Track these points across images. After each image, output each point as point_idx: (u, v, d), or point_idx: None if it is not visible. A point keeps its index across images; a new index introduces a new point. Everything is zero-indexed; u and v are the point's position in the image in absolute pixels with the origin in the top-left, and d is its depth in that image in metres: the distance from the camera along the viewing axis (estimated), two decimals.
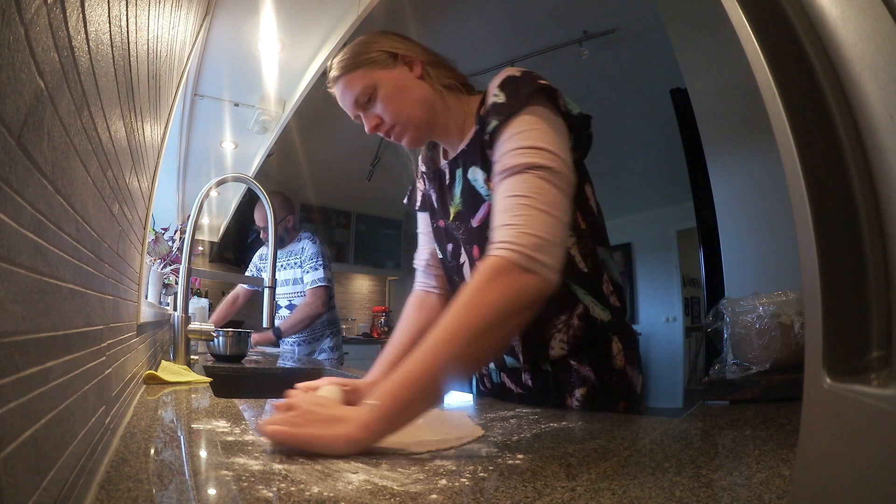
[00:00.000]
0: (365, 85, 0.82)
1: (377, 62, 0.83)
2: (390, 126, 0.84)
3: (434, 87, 0.85)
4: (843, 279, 0.26)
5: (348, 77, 0.83)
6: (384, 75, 0.82)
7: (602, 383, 0.83)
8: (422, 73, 0.84)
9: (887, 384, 0.22)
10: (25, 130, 0.26)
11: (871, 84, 0.24)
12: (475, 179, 0.83)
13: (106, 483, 0.38)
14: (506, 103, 0.73)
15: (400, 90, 0.83)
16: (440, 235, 0.96)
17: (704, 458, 0.51)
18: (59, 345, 0.35)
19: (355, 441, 0.51)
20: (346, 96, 0.85)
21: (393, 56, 0.83)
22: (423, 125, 0.85)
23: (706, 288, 2.27)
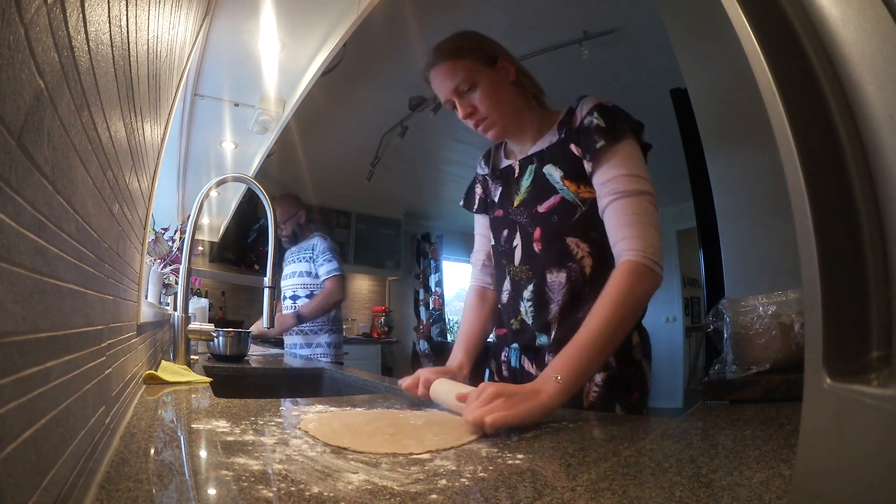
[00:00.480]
0: (468, 75, 0.92)
1: (481, 58, 0.93)
2: (482, 118, 0.95)
3: (524, 93, 0.98)
4: (843, 279, 0.26)
5: (454, 63, 0.92)
6: (486, 72, 0.93)
7: (621, 371, 0.90)
8: (515, 79, 0.96)
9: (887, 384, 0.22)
10: (25, 130, 0.26)
11: (871, 84, 0.24)
12: (551, 174, 0.95)
13: (106, 483, 0.38)
14: (609, 129, 0.87)
15: (498, 89, 0.93)
16: (497, 224, 1.06)
17: (704, 458, 0.51)
18: (59, 345, 0.35)
19: (551, 408, 0.67)
20: (448, 81, 0.93)
21: (493, 58, 0.94)
22: (510, 124, 0.97)
23: (706, 288, 2.27)
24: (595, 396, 0.89)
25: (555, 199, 0.94)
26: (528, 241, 0.97)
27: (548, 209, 0.94)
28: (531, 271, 0.96)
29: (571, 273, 0.91)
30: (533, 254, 0.96)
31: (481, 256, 1.14)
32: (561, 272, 0.92)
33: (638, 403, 0.90)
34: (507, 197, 1.03)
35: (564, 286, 0.92)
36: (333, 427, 0.62)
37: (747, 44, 0.29)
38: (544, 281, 0.94)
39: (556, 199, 0.93)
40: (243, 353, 1.71)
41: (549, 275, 0.93)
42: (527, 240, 0.97)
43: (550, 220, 0.93)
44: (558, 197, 0.93)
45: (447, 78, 0.93)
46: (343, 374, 1.51)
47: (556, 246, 0.93)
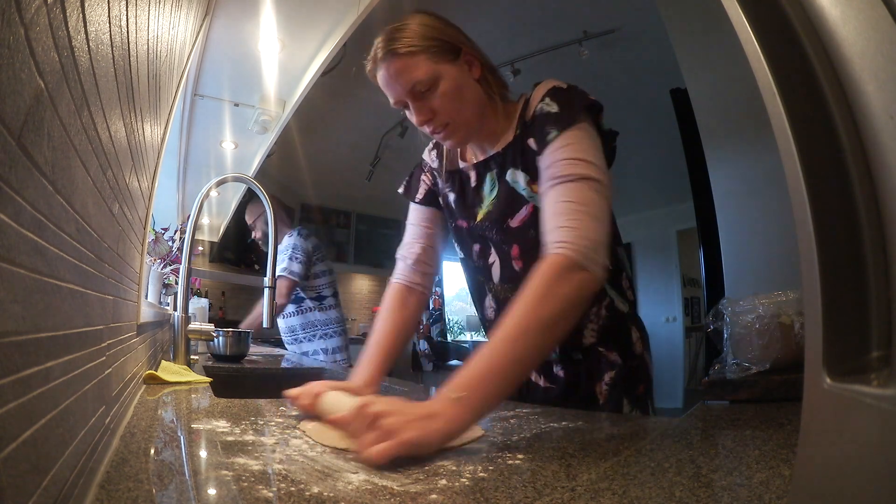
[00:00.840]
0: (428, 74, 0.76)
1: (441, 52, 0.78)
2: (443, 123, 0.80)
3: (489, 91, 0.83)
4: (843, 279, 0.26)
5: (409, 60, 0.76)
6: (448, 69, 0.78)
7: (627, 367, 0.90)
8: (480, 76, 0.82)
9: (887, 384, 0.22)
10: (25, 130, 0.26)
11: (871, 84, 0.24)
12: (515, 182, 0.84)
13: (106, 483, 0.38)
14: (561, 114, 0.75)
15: (461, 88, 0.79)
16: (462, 236, 0.96)
17: (704, 458, 0.51)
18: (59, 345, 0.35)
19: (450, 435, 0.53)
20: (401, 79, 0.77)
21: (456, 50, 0.79)
22: (474, 128, 0.84)
23: (706, 288, 2.27)
24: (606, 395, 0.89)
25: (526, 210, 0.84)
26: (507, 258, 0.88)
27: (521, 223, 0.84)
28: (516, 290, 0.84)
29: None
30: (515, 272, 0.87)
31: (415, 250, 0.97)
32: None
33: (644, 395, 0.91)
34: (467, 207, 0.92)
35: None
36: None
37: (747, 44, 0.29)
38: None
39: (527, 211, 0.83)
40: (243, 353, 1.71)
41: None
42: (504, 258, 0.88)
43: (527, 235, 0.83)
44: (530, 207, 0.83)
45: (398, 77, 0.77)
46: (343, 374, 1.51)
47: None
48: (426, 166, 1.02)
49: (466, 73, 0.81)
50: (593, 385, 0.90)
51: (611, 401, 0.89)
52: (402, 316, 0.92)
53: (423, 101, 0.79)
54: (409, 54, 0.76)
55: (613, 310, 0.91)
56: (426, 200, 1.00)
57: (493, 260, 0.91)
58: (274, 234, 1.44)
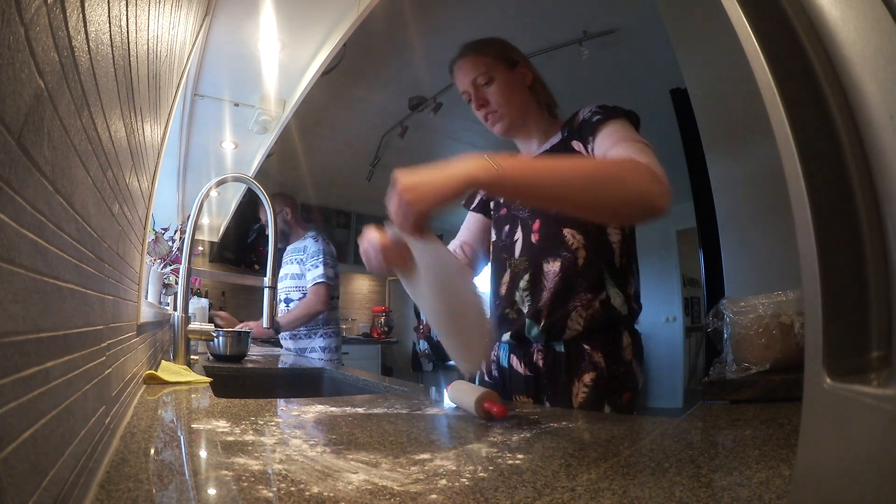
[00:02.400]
0: (487, 70, 0.99)
1: (502, 59, 1.01)
2: (493, 110, 1.01)
3: (536, 99, 1.04)
4: (843, 279, 0.25)
5: (478, 58, 1.00)
6: (504, 71, 1.01)
7: (610, 372, 0.90)
8: (531, 85, 1.04)
9: (887, 384, 0.22)
10: (25, 130, 0.26)
11: (871, 84, 0.24)
12: None
13: (106, 483, 0.38)
14: (605, 112, 0.91)
15: (512, 88, 1.01)
16: (500, 222, 1.10)
17: (704, 458, 0.51)
18: (59, 345, 0.35)
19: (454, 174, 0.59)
20: (469, 72, 1.01)
21: (514, 62, 1.03)
22: (517, 123, 1.03)
23: (706, 288, 2.27)
24: (584, 397, 0.90)
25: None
26: (528, 233, 1.01)
27: None
28: (528, 261, 0.99)
29: (565, 262, 0.94)
30: (531, 245, 1.00)
31: (456, 243, 1.18)
32: (556, 261, 0.95)
33: (628, 404, 0.91)
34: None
35: (557, 274, 0.95)
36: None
37: (747, 44, 0.29)
38: (540, 269, 0.97)
39: None
40: (243, 353, 1.71)
41: (546, 264, 0.96)
42: (526, 232, 1.02)
43: (549, 212, 0.98)
44: None
45: (469, 70, 1.00)
46: (343, 374, 1.51)
47: (553, 236, 0.97)
48: None
49: (520, 80, 1.03)
50: (571, 383, 0.92)
51: (589, 402, 0.89)
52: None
53: (481, 91, 1.01)
54: (476, 53, 1.01)
55: (608, 307, 0.93)
56: (478, 208, 1.18)
57: (517, 237, 1.03)
58: (275, 233, 1.44)
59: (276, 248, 1.45)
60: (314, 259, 2.41)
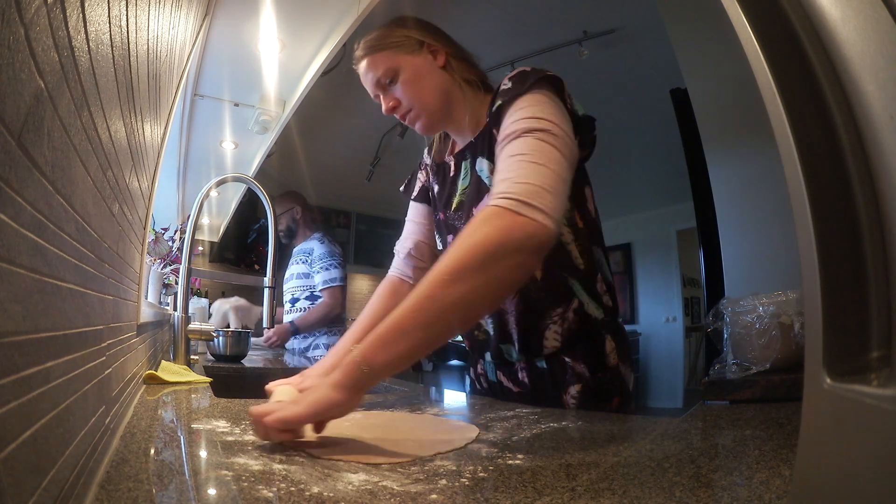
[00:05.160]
0: (387, 67, 0.86)
1: (403, 46, 0.86)
2: (406, 110, 0.88)
3: (454, 78, 0.88)
4: (843, 279, 0.25)
5: (373, 57, 0.87)
6: (408, 60, 0.86)
7: (596, 380, 0.84)
8: (444, 64, 0.87)
9: (887, 384, 0.22)
10: (25, 130, 0.26)
11: (871, 84, 0.24)
12: (481, 170, 0.86)
13: (106, 483, 0.38)
14: (511, 88, 0.75)
15: (420, 76, 0.86)
16: (440, 227, 0.98)
17: (704, 458, 0.51)
18: (59, 345, 0.35)
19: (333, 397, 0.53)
20: (369, 75, 0.88)
21: (419, 43, 0.87)
22: (437, 113, 0.88)
23: (706, 288, 2.27)
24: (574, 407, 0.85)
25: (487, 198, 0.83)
26: None
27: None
28: None
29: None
30: None
31: (408, 245, 1.03)
32: None
33: (619, 408, 0.86)
34: (446, 198, 0.95)
35: (515, 296, 0.84)
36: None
37: (747, 44, 0.29)
38: None
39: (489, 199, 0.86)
40: (243, 353, 1.71)
41: None
42: None
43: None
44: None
45: (366, 74, 0.88)
46: None
47: None
48: (423, 164, 1.06)
49: (430, 62, 0.87)
50: (559, 396, 0.86)
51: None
52: (389, 304, 0.93)
53: (389, 91, 0.88)
54: (370, 53, 0.87)
55: (583, 315, 0.85)
56: (420, 197, 1.04)
57: None
58: (275, 232, 1.44)
59: (278, 247, 1.45)
60: (324, 261, 2.41)
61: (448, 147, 0.99)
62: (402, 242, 1.05)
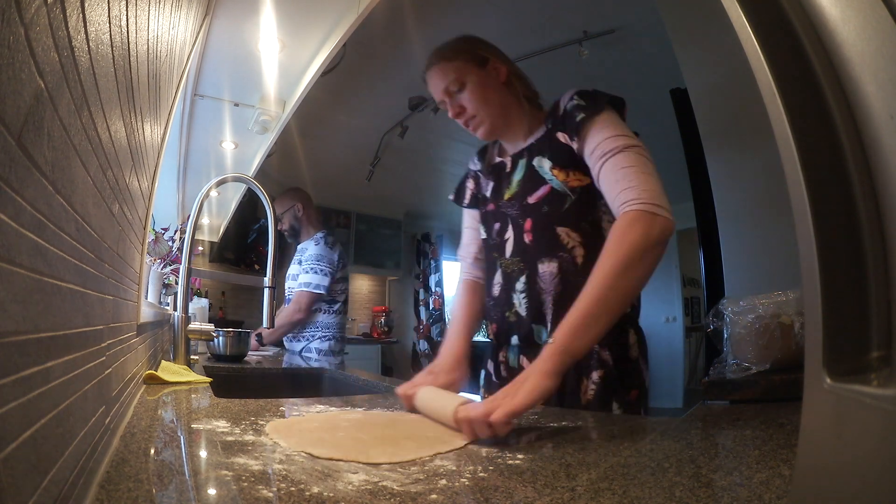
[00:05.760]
0: (457, 76, 0.96)
1: (472, 59, 0.97)
2: (470, 116, 0.98)
3: (514, 93, 0.99)
4: (843, 279, 0.25)
5: (444, 66, 0.97)
6: (476, 72, 0.96)
7: (618, 370, 0.90)
8: (506, 80, 0.98)
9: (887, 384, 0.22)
10: (25, 130, 0.26)
11: (871, 84, 0.24)
12: (541, 167, 0.96)
13: (106, 483, 0.38)
14: (588, 105, 0.88)
15: (486, 88, 0.96)
16: (488, 218, 1.06)
17: (704, 458, 0.51)
18: (59, 345, 0.35)
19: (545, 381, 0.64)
20: (439, 82, 0.97)
21: (485, 59, 0.98)
22: (498, 123, 0.99)
23: (706, 288, 2.27)
24: (592, 394, 0.89)
25: (544, 189, 0.95)
26: (520, 232, 0.97)
27: (538, 199, 0.95)
28: (522, 263, 0.96)
29: (563, 262, 0.92)
30: (524, 245, 0.96)
31: (472, 250, 1.13)
32: (552, 262, 0.92)
33: (636, 401, 0.91)
34: (499, 191, 1.04)
35: (556, 276, 0.92)
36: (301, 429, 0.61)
37: (747, 44, 0.29)
38: (536, 272, 0.94)
39: (545, 190, 0.94)
40: (243, 353, 1.71)
41: (541, 265, 0.94)
42: (518, 231, 0.98)
43: (541, 211, 0.94)
44: (547, 187, 0.94)
45: (438, 79, 0.97)
46: (343, 374, 1.51)
47: (547, 236, 0.93)
48: (470, 173, 1.15)
49: (493, 77, 0.98)
50: (580, 381, 0.90)
51: (598, 399, 0.88)
52: (476, 303, 1.08)
53: (456, 99, 0.98)
54: (443, 62, 0.97)
55: None
56: (472, 203, 1.14)
57: (508, 235, 1.00)
58: (275, 232, 1.44)
59: (277, 247, 1.44)
60: (310, 263, 2.34)
61: (494, 152, 1.11)
62: (466, 248, 1.15)
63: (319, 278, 2.32)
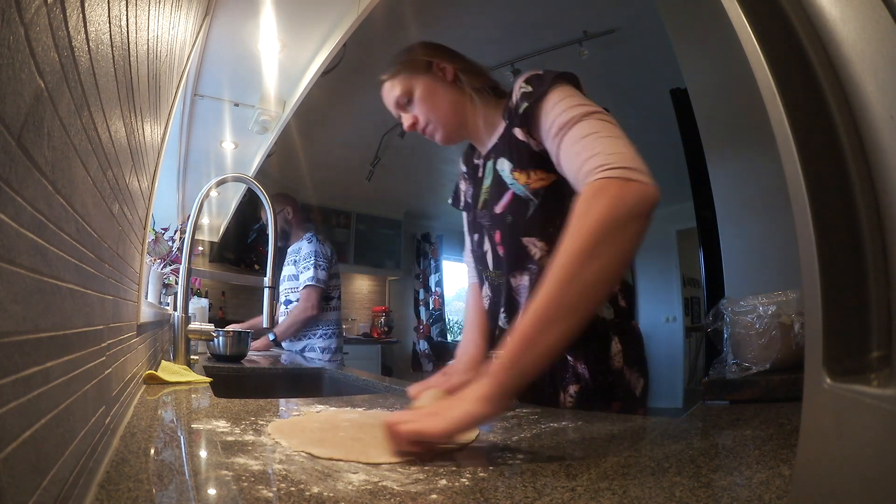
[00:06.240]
0: (404, 88, 0.94)
1: (414, 68, 0.94)
2: (424, 125, 0.95)
3: (465, 90, 0.94)
4: (843, 279, 0.25)
5: (391, 81, 0.96)
6: (420, 79, 0.94)
7: (596, 383, 0.83)
8: (454, 79, 0.94)
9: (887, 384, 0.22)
10: (25, 130, 0.26)
11: (871, 84, 0.24)
12: (502, 170, 0.90)
13: (106, 483, 0.38)
14: (532, 90, 0.79)
15: (432, 93, 0.93)
16: (471, 226, 1.03)
17: (704, 458, 0.51)
18: (59, 345, 0.35)
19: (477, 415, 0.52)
20: (389, 98, 0.97)
21: (427, 64, 0.94)
22: (453, 124, 0.95)
23: (706, 288, 2.27)
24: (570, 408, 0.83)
25: (507, 196, 0.88)
26: (493, 245, 0.93)
27: (503, 209, 0.89)
28: (502, 277, 0.92)
29: (532, 275, 0.86)
30: (499, 258, 0.92)
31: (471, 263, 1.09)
32: (523, 275, 0.87)
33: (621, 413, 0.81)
34: (475, 198, 1.00)
35: (527, 289, 0.87)
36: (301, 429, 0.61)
37: (747, 44, 0.29)
38: (511, 286, 0.90)
39: (508, 197, 0.88)
40: (243, 353, 1.71)
41: (513, 279, 0.89)
42: (492, 244, 0.93)
43: (506, 221, 0.88)
44: (510, 194, 0.87)
45: (387, 97, 0.97)
46: (343, 374, 1.51)
47: (515, 248, 0.87)
48: (460, 174, 1.13)
49: (441, 79, 0.94)
50: (556, 395, 0.85)
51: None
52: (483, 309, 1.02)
53: (407, 110, 0.96)
54: (388, 79, 0.96)
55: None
56: (465, 207, 1.10)
57: (486, 248, 0.96)
58: (275, 232, 1.44)
59: (277, 247, 1.45)
60: (306, 261, 2.39)
61: (473, 153, 1.06)
62: (469, 252, 1.08)
63: (319, 272, 2.38)
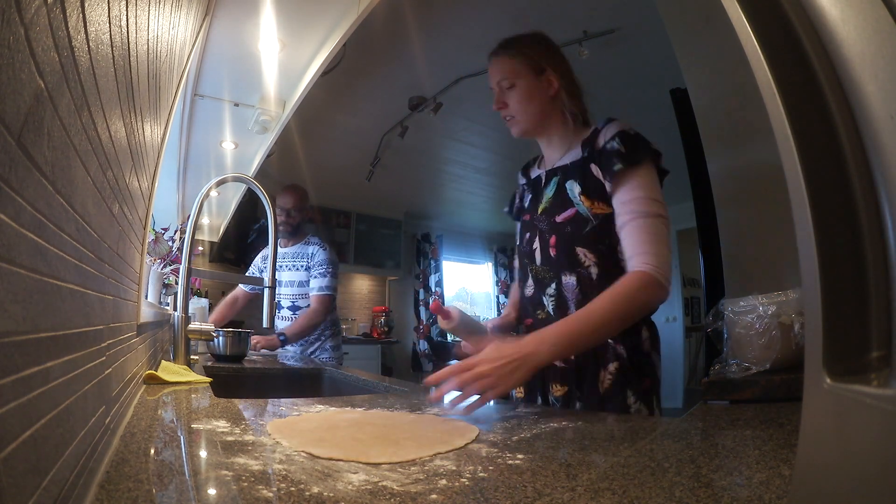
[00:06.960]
0: (512, 74, 1.04)
1: (530, 64, 1.04)
2: (510, 115, 1.07)
3: (558, 106, 1.07)
4: (843, 279, 0.25)
5: (506, 60, 1.05)
6: (529, 77, 1.04)
7: (632, 361, 1.00)
8: (556, 94, 1.06)
9: (887, 384, 0.22)
10: (25, 130, 0.26)
11: (871, 84, 0.24)
12: (571, 189, 1.05)
13: (106, 483, 0.38)
14: (627, 154, 0.95)
15: (531, 97, 1.05)
16: (523, 227, 1.17)
17: (704, 458, 0.51)
18: (59, 345, 0.35)
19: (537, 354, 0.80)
20: (495, 73, 1.06)
21: (541, 69, 1.04)
22: (533, 127, 1.08)
23: (706, 288, 2.27)
24: (609, 383, 0.98)
25: (571, 211, 1.04)
26: (546, 245, 1.08)
27: (564, 220, 1.04)
28: (551, 272, 1.07)
29: (581, 277, 1.03)
30: (549, 257, 1.07)
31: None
32: (572, 275, 1.04)
33: (649, 390, 1.00)
34: (534, 204, 1.14)
35: (576, 287, 1.03)
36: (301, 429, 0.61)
37: (747, 44, 0.29)
38: (561, 281, 1.06)
39: (571, 212, 1.04)
40: (243, 354, 1.71)
41: (564, 277, 1.05)
42: (544, 244, 1.08)
43: (564, 230, 1.04)
44: (573, 210, 1.03)
45: (495, 70, 1.06)
46: (343, 374, 1.51)
47: (568, 253, 1.03)
48: (519, 187, 1.26)
49: (544, 89, 1.05)
50: (598, 370, 1.00)
51: (614, 387, 0.98)
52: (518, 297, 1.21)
53: (503, 93, 1.06)
54: (504, 56, 1.05)
55: None
56: (517, 216, 1.22)
57: (535, 246, 1.10)
58: (274, 232, 1.44)
59: (277, 247, 1.44)
60: (321, 268, 2.45)
61: (537, 164, 1.20)
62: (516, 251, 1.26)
63: (334, 281, 2.48)
